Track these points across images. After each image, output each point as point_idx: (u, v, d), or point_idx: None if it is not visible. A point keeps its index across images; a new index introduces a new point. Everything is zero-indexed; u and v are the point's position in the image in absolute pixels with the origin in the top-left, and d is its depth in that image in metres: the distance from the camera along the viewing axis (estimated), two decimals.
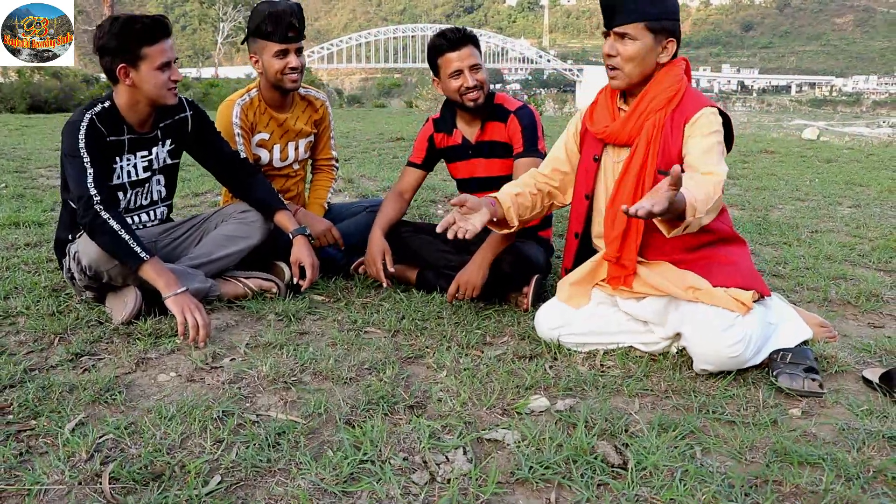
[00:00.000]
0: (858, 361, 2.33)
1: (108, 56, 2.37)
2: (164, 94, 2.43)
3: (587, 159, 2.46)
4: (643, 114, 2.26)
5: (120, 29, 2.33)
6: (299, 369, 2.07)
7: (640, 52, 2.22)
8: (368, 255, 2.83)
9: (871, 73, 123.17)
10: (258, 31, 2.81)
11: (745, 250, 2.37)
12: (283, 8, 2.77)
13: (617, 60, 2.26)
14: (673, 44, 2.24)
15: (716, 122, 2.19)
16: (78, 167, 2.30)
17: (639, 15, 2.19)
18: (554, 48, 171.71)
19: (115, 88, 2.46)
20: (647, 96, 2.27)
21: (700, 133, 2.17)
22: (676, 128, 2.22)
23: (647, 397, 2.04)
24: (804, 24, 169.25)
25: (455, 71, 2.75)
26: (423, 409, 1.89)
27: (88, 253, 2.29)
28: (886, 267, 3.56)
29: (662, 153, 2.24)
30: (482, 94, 2.79)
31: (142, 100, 2.44)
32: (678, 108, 2.24)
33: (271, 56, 2.82)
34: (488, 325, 2.57)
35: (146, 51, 2.36)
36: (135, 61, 2.36)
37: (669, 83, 2.25)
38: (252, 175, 2.74)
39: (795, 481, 1.56)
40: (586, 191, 2.47)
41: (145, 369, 2.06)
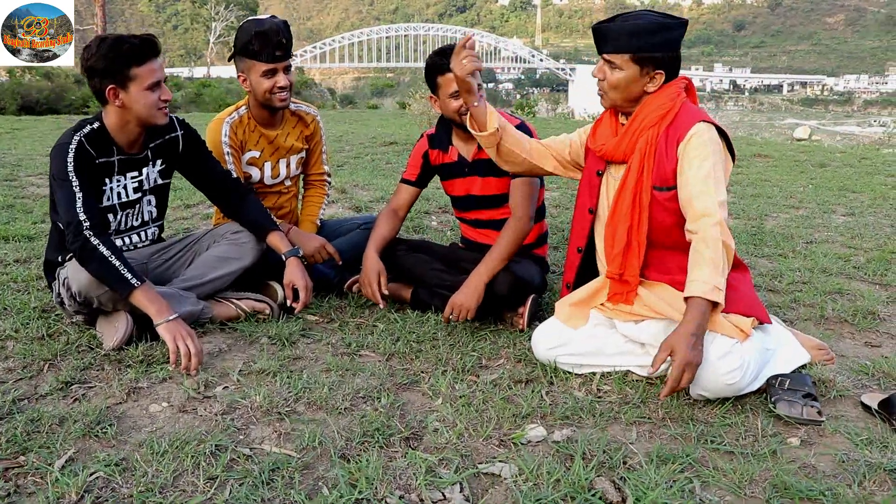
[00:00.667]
0: (857, 385, 2.32)
1: (97, 77, 2.34)
2: (154, 114, 2.40)
3: (591, 174, 2.44)
4: (636, 131, 2.26)
5: (108, 49, 2.30)
6: (293, 399, 2.04)
7: (624, 82, 2.24)
8: (363, 276, 2.80)
9: (862, 73, 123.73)
10: (245, 50, 2.77)
11: (746, 276, 2.36)
12: (270, 26, 2.73)
13: (603, 85, 2.29)
14: (661, 76, 2.22)
15: (709, 139, 2.18)
16: (67, 192, 2.26)
17: (625, 47, 2.21)
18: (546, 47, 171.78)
19: (104, 109, 2.42)
20: (640, 115, 2.27)
21: (695, 156, 2.16)
22: (670, 145, 2.22)
23: (645, 425, 2.02)
24: (796, 23, 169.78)
25: (455, 92, 2.72)
26: (419, 441, 1.86)
27: (78, 279, 2.25)
28: (882, 280, 3.56)
29: (657, 170, 2.23)
30: None
31: (132, 120, 2.40)
32: (672, 124, 2.23)
33: (259, 76, 2.79)
34: (484, 347, 2.54)
35: (135, 71, 2.32)
36: (124, 82, 2.33)
37: (662, 101, 2.25)
38: (244, 195, 2.71)
39: None
40: (590, 205, 2.45)
41: (136, 399, 2.02)
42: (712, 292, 2.01)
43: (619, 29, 2.22)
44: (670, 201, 2.22)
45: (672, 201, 2.22)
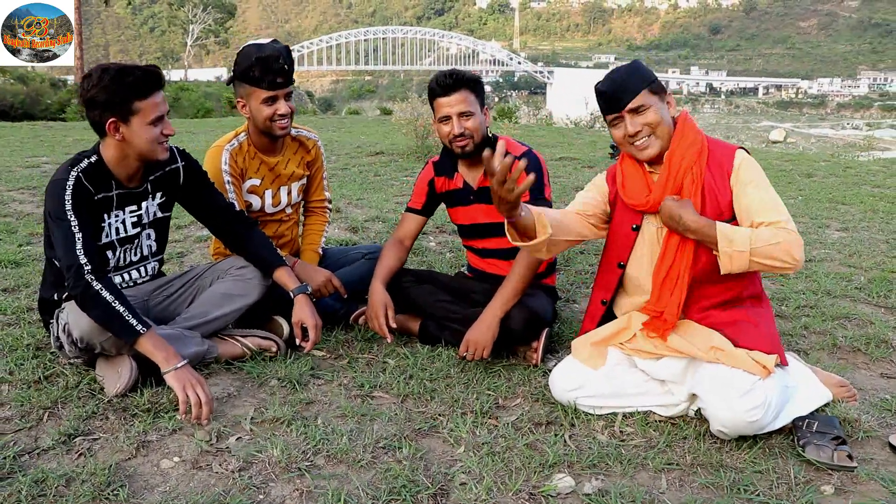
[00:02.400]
0: (882, 424, 2.28)
1: (97, 109, 2.24)
2: (155, 149, 2.30)
3: (624, 228, 2.37)
4: (678, 174, 2.23)
5: (110, 81, 2.20)
6: (312, 451, 1.95)
7: (658, 115, 2.24)
8: (370, 310, 2.72)
9: (834, 76, 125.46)
10: (245, 75, 2.68)
11: (768, 313, 2.32)
12: (272, 53, 2.64)
13: (645, 130, 2.26)
14: (672, 97, 2.31)
15: (754, 164, 2.23)
16: (65, 232, 2.16)
17: (637, 87, 2.24)
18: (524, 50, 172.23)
19: (103, 142, 2.32)
20: (676, 156, 2.23)
21: (749, 183, 2.19)
22: (720, 180, 2.22)
23: (674, 472, 1.97)
24: (770, 27, 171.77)
25: (443, 116, 2.67)
26: (446, 497, 1.79)
27: (80, 325, 2.15)
28: (887, 303, 3.54)
29: (710, 205, 2.21)
30: (471, 141, 2.69)
31: (131, 154, 2.30)
32: (710, 158, 2.24)
33: (259, 103, 2.70)
34: (499, 385, 2.48)
35: (138, 105, 2.23)
36: (126, 115, 2.23)
37: (692, 138, 2.24)
38: (249, 229, 2.61)
39: None
40: (620, 259, 2.39)
41: (146, 454, 1.93)
42: (725, 238, 2.06)
43: (621, 77, 2.27)
44: None
45: None
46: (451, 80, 2.65)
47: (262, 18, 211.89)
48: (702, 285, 2.25)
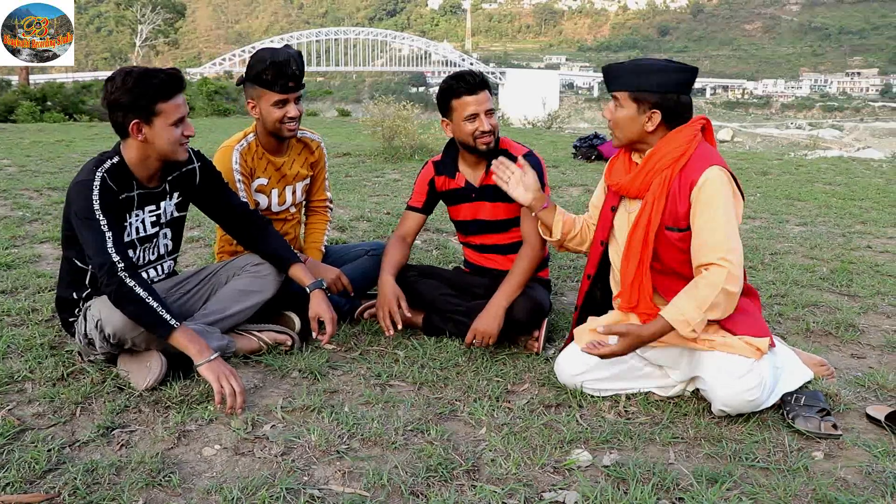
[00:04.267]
0: (858, 398, 2.49)
1: (121, 111, 2.30)
2: (176, 149, 2.38)
3: (606, 209, 2.54)
4: (651, 171, 2.36)
5: (134, 83, 2.27)
6: (347, 435, 2.06)
7: (623, 119, 2.37)
8: (382, 300, 2.82)
9: (778, 77, 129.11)
10: (258, 78, 2.77)
11: (757, 302, 2.49)
12: (286, 57, 2.74)
13: (611, 123, 2.42)
14: (657, 115, 2.32)
15: (721, 184, 2.28)
16: (95, 231, 2.22)
17: (625, 84, 2.34)
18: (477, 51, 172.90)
19: (124, 143, 2.39)
20: (656, 155, 2.36)
21: (708, 203, 2.26)
22: (683, 189, 2.31)
23: (679, 445, 2.13)
24: (717, 29, 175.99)
25: (471, 115, 2.77)
26: (479, 473, 1.92)
27: (113, 321, 2.22)
28: (849, 291, 3.79)
29: (669, 211, 2.33)
30: (494, 138, 2.82)
31: (152, 155, 2.38)
32: (685, 167, 2.33)
33: (270, 105, 2.79)
34: (506, 372, 2.61)
35: (161, 106, 2.30)
36: (149, 117, 2.30)
37: (677, 145, 2.34)
38: (264, 227, 2.70)
39: None
40: (602, 238, 2.56)
41: (187, 443, 2.01)
42: (681, 323, 2.18)
43: (624, 67, 2.37)
44: (682, 241, 2.33)
45: (683, 241, 2.32)
46: (477, 78, 2.78)
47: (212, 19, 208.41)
48: (680, 279, 2.40)
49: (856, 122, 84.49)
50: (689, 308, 2.20)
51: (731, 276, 2.21)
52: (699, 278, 2.24)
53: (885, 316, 3.41)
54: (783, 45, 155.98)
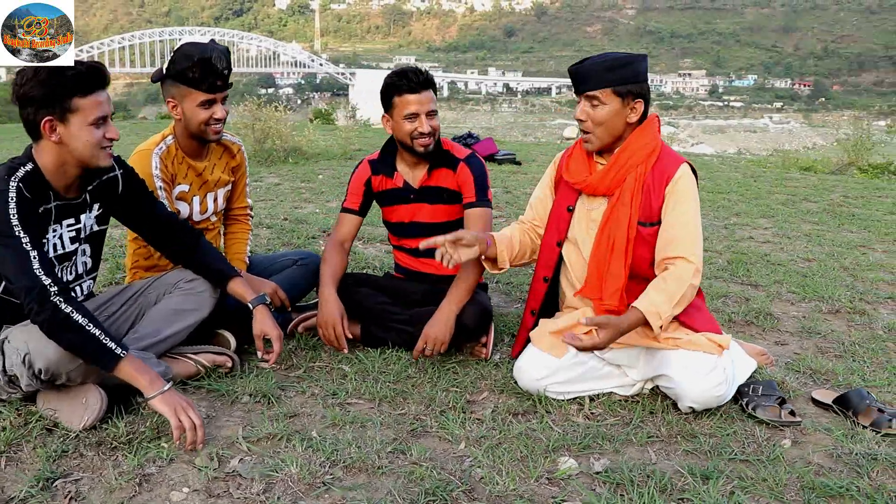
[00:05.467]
0: (800, 383, 2.62)
1: (31, 106, 1.99)
2: (96, 153, 2.08)
3: (560, 209, 2.51)
4: (623, 168, 2.37)
5: (48, 76, 1.97)
6: (328, 464, 1.90)
7: (609, 115, 2.35)
8: (326, 318, 2.65)
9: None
10: (182, 76, 2.52)
11: (702, 297, 2.56)
12: (213, 54, 2.50)
13: (588, 125, 2.37)
14: (641, 104, 2.37)
15: (691, 182, 2.38)
16: (16, 251, 1.90)
17: (604, 81, 2.32)
18: (326, 52, 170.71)
19: (37, 146, 2.07)
20: (627, 151, 2.37)
21: (681, 199, 2.33)
22: (658, 185, 2.36)
23: (656, 444, 2.14)
24: (560, 31, 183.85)
25: (411, 114, 2.67)
26: (477, 492, 1.83)
27: (45, 355, 1.90)
28: (751, 281, 4.02)
29: (643, 206, 2.35)
30: (433, 140, 2.73)
31: (70, 160, 2.07)
32: (657, 163, 2.37)
33: (195, 105, 2.55)
34: (460, 381, 2.53)
35: (79, 102, 2.00)
36: (64, 114, 2.00)
37: (647, 140, 2.37)
38: (196, 239, 2.44)
39: None
40: (558, 238, 2.53)
41: (150, 488, 1.77)
42: (653, 315, 2.21)
43: (595, 66, 2.34)
44: (652, 236, 2.35)
45: (654, 237, 2.35)
46: (422, 77, 2.66)
47: None
48: (641, 280, 2.43)
49: (689, 120, 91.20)
50: (661, 301, 2.22)
51: (697, 271, 2.26)
52: (667, 273, 2.27)
53: (790, 303, 3.63)
54: (621, 47, 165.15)
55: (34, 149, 2.08)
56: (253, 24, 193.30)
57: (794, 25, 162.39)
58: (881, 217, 6.24)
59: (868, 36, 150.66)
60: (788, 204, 6.83)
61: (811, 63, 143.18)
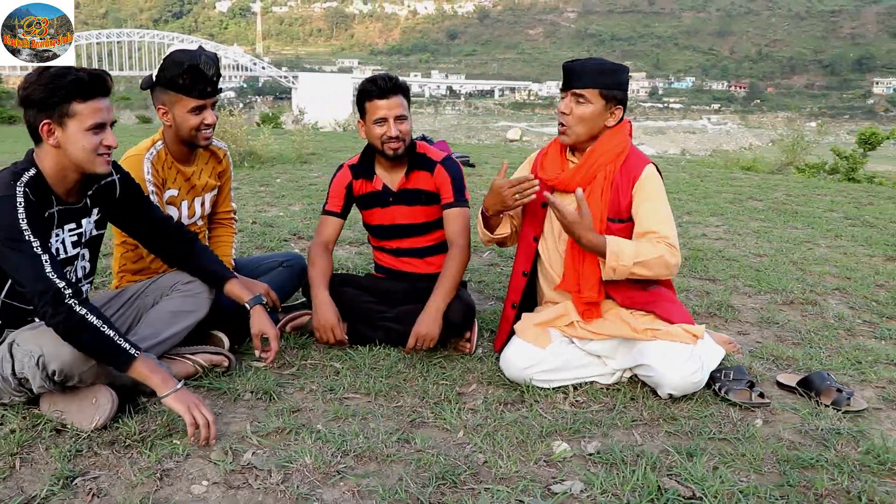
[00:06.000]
0: (765, 368, 2.81)
1: (32, 109, 2.03)
2: (93, 160, 2.11)
3: (535, 205, 2.64)
4: (593, 167, 2.53)
5: (50, 80, 2.00)
6: (340, 454, 1.99)
7: (590, 115, 2.51)
8: (323, 322, 2.73)
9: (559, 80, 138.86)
10: (172, 82, 2.57)
11: (674, 291, 2.73)
12: (203, 60, 2.56)
13: (569, 119, 2.53)
14: (620, 111, 2.56)
15: (659, 181, 2.56)
16: (27, 255, 1.93)
17: (594, 82, 2.50)
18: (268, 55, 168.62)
19: (39, 150, 2.10)
20: (597, 151, 2.54)
21: (650, 197, 2.50)
22: (625, 184, 2.52)
23: (640, 427, 2.29)
24: (502, 34, 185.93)
25: (380, 118, 2.77)
26: (483, 475, 1.94)
27: (60, 356, 1.94)
28: (709, 276, 4.23)
29: (612, 204, 2.51)
30: (403, 144, 2.83)
31: (68, 165, 2.10)
32: (625, 163, 2.55)
33: (186, 111, 2.60)
34: (449, 374, 2.64)
35: (77, 107, 2.04)
36: (62, 118, 2.04)
37: (617, 142, 2.55)
38: (191, 242, 2.49)
39: (820, 486, 1.90)
40: (535, 234, 2.67)
41: (171, 483, 1.82)
42: (613, 255, 2.36)
43: (588, 66, 2.53)
44: (622, 232, 2.51)
45: (623, 233, 2.51)
46: (390, 83, 2.76)
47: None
48: None
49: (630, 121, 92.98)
50: (628, 251, 2.36)
51: (674, 253, 2.41)
52: (647, 238, 2.43)
53: (747, 296, 3.85)
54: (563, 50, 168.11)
55: (35, 153, 2.11)
56: (193, 26, 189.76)
57: (729, 29, 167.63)
58: (822, 214, 6.58)
59: (798, 41, 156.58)
60: (735, 202, 7.13)
61: (746, 66, 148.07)
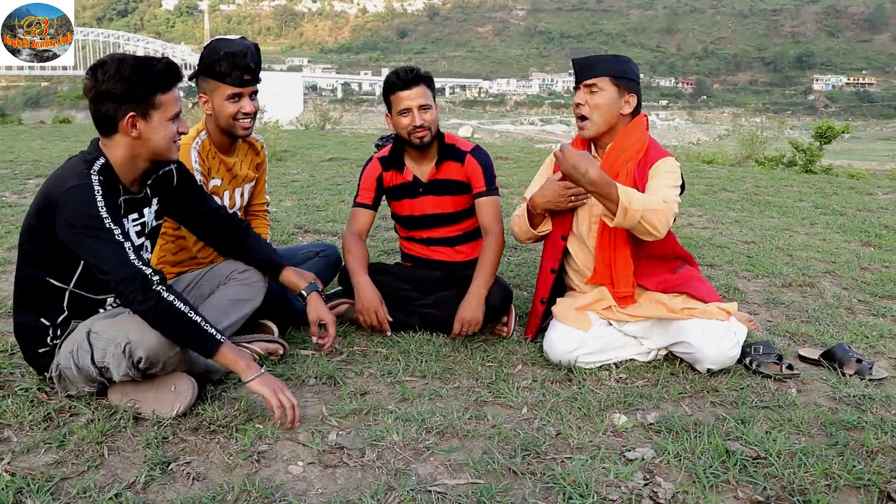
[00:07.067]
0: (785, 343, 2.97)
1: (112, 102, 2.04)
2: (170, 148, 2.14)
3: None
4: (615, 163, 2.66)
5: (131, 72, 2.02)
6: (423, 431, 2.07)
7: (606, 102, 2.64)
8: (367, 305, 2.80)
9: (511, 77, 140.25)
10: (211, 70, 2.61)
11: (698, 269, 2.87)
12: (241, 48, 2.60)
13: (586, 109, 2.67)
14: (634, 99, 2.68)
15: (673, 167, 2.67)
16: (109, 242, 1.95)
17: (605, 70, 2.63)
18: None
19: (108, 141, 2.11)
20: (617, 148, 2.68)
21: (657, 174, 2.63)
22: (642, 174, 2.66)
23: (686, 399, 2.42)
24: (452, 31, 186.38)
25: (404, 109, 2.86)
26: (562, 446, 2.04)
27: (147, 343, 1.97)
28: (706, 261, 4.41)
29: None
30: (429, 133, 2.91)
31: (142, 154, 2.13)
32: (644, 157, 2.68)
33: (224, 99, 2.64)
34: (494, 356, 2.74)
35: (161, 98, 2.07)
36: (146, 110, 2.06)
37: (636, 138, 2.68)
38: (246, 231, 2.53)
39: (869, 444, 2.05)
40: (563, 233, 2.78)
41: (268, 464, 1.87)
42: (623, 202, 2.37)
43: (599, 57, 2.67)
44: None
45: None
46: (411, 74, 2.85)
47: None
48: (648, 261, 2.72)
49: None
50: (637, 201, 2.41)
51: (672, 211, 2.49)
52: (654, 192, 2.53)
53: (747, 279, 4.03)
54: (513, 47, 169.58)
55: (103, 142, 2.13)
56: (139, 25, 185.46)
57: (676, 27, 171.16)
58: (794, 204, 6.85)
59: (742, 38, 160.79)
60: (709, 194, 7.37)
61: (693, 63, 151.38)
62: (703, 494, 1.79)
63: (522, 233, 2.87)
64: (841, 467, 1.92)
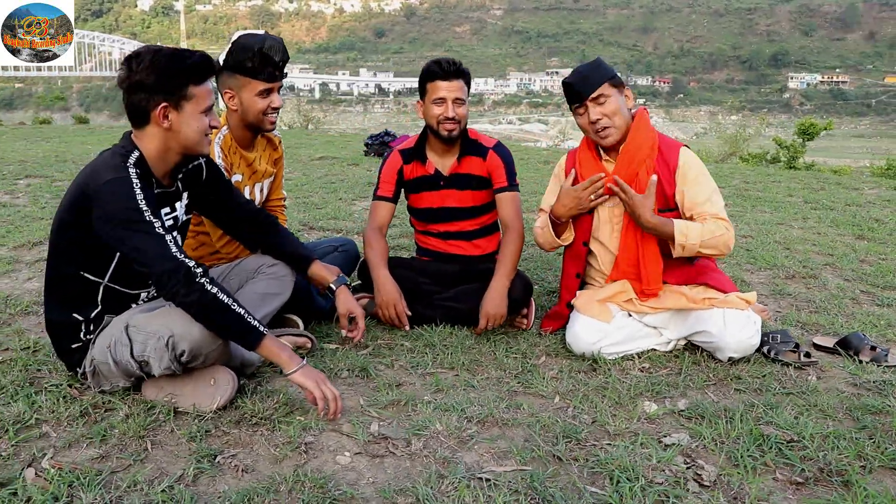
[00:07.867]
0: (798, 332, 3.03)
1: (145, 93, 2.03)
2: (202, 141, 2.14)
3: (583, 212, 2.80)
4: (632, 165, 2.70)
5: (166, 63, 2.02)
6: (465, 420, 2.09)
7: (617, 104, 2.70)
8: (386, 299, 2.81)
9: (489, 76, 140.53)
10: (240, 66, 2.61)
11: (714, 260, 2.92)
12: (272, 44, 2.61)
13: (605, 120, 2.69)
14: (630, 92, 2.76)
15: (696, 162, 2.72)
16: (150, 235, 1.94)
17: (601, 78, 2.68)
18: None
19: (140, 133, 2.10)
20: (630, 150, 2.72)
21: (695, 181, 2.67)
22: (666, 174, 2.70)
23: (711, 387, 2.46)
24: (429, 31, 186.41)
25: (439, 98, 2.88)
26: (600, 432, 2.07)
27: (190, 336, 1.96)
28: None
29: (658, 195, 2.67)
30: (458, 127, 2.93)
31: (174, 147, 2.12)
32: (659, 154, 2.72)
33: (254, 95, 2.64)
34: (517, 348, 2.76)
35: (194, 90, 2.07)
36: (179, 101, 2.06)
37: (645, 136, 2.73)
38: (274, 226, 2.53)
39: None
40: (584, 239, 2.82)
41: (316, 455, 1.89)
42: (680, 236, 2.54)
43: (586, 71, 2.71)
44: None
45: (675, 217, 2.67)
46: (453, 66, 2.87)
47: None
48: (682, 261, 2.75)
49: (558, 117, 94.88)
50: (694, 233, 2.53)
51: (731, 230, 2.59)
52: (711, 220, 2.59)
53: (750, 272, 4.10)
54: (490, 47, 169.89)
55: (135, 135, 2.12)
56: (114, 25, 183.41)
57: (652, 26, 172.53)
58: (784, 199, 6.96)
59: (718, 37, 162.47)
60: None
61: (669, 62, 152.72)
62: (745, 476, 1.84)
63: (547, 243, 2.90)
64: (874, 449, 1.97)
